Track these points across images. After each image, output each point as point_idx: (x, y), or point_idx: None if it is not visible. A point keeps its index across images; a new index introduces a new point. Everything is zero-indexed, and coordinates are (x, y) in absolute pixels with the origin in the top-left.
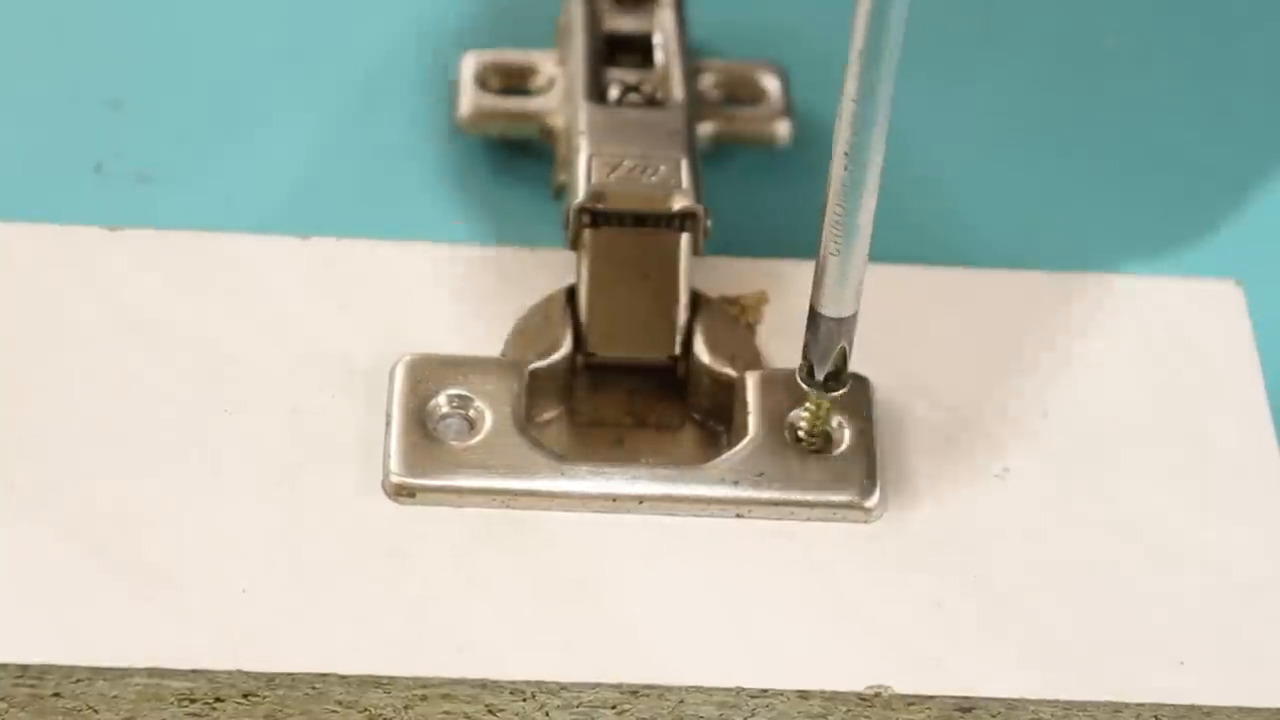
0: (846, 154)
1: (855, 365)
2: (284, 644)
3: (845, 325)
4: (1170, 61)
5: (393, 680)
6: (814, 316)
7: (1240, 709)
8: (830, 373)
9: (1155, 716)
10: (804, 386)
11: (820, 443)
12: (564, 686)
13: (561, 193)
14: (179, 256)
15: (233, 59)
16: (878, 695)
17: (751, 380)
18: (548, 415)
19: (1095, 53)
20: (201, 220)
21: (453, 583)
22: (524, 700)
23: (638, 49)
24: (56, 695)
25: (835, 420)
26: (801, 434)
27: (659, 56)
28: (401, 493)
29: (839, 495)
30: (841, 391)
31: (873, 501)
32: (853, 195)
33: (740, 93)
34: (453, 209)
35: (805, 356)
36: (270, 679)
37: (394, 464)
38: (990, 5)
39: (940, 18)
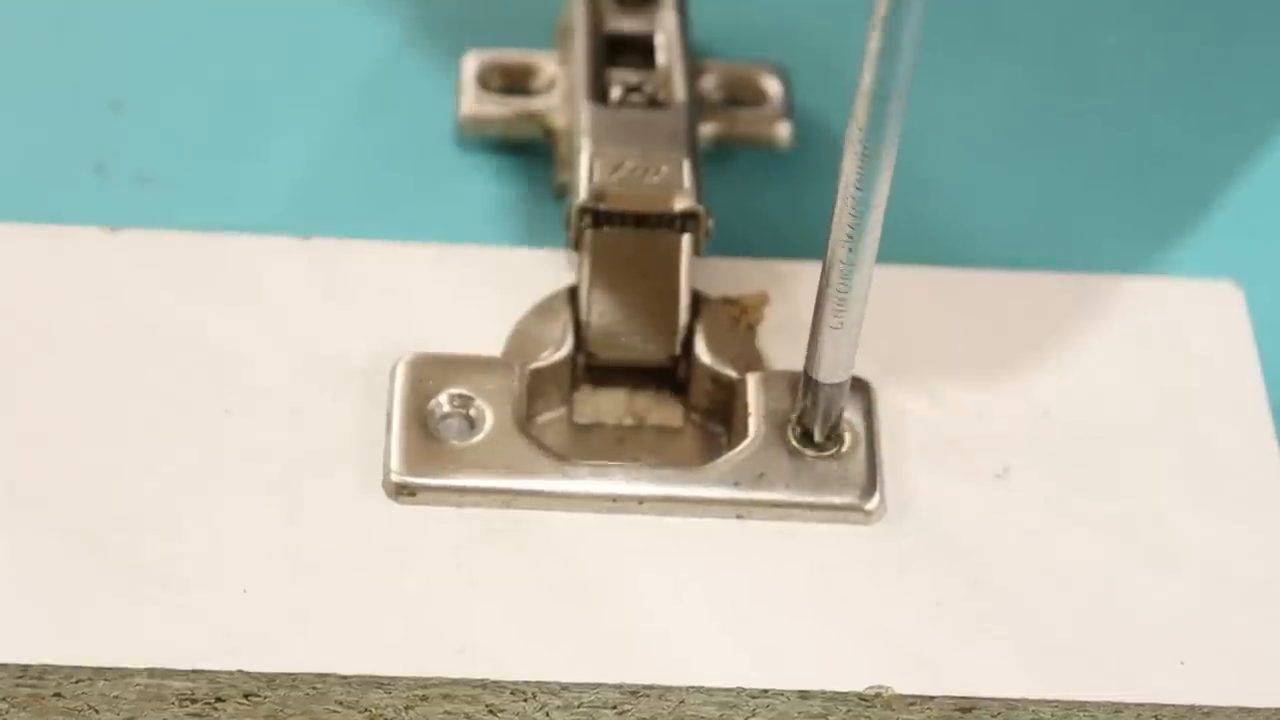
0: (849, 236)
1: (855, 366)
2: (284, 644)
3: (840, 389)
4: (1170, 61)
5: (393, 680)
6: (809, 383)
7: (1240, 709)
8: (825, 434)
9: (1155, 716)
10: (798, 447)
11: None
12: (565, 687)
13: (563, 193)
14: (179, 257)
15: (233, 59)
16: (878, 695)
17: (752, 381)
18: (548, 415)
19: (1095, 53)
20: (201, 220)
21: (453, 582)
22: (525, 700)
23: (639, 49)
24: (57, 695)
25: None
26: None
27: (661, 57)
28: (402, 492)
29: (839, 497)
30: (835, 450)
31: (873, 503)
32: (853, 272)
33: (742, 94)
34: (453, 209)
35: (800, 419)
36: (271, 679)
37: (394, 463)
38: (990, 5)
39: (940, 18)
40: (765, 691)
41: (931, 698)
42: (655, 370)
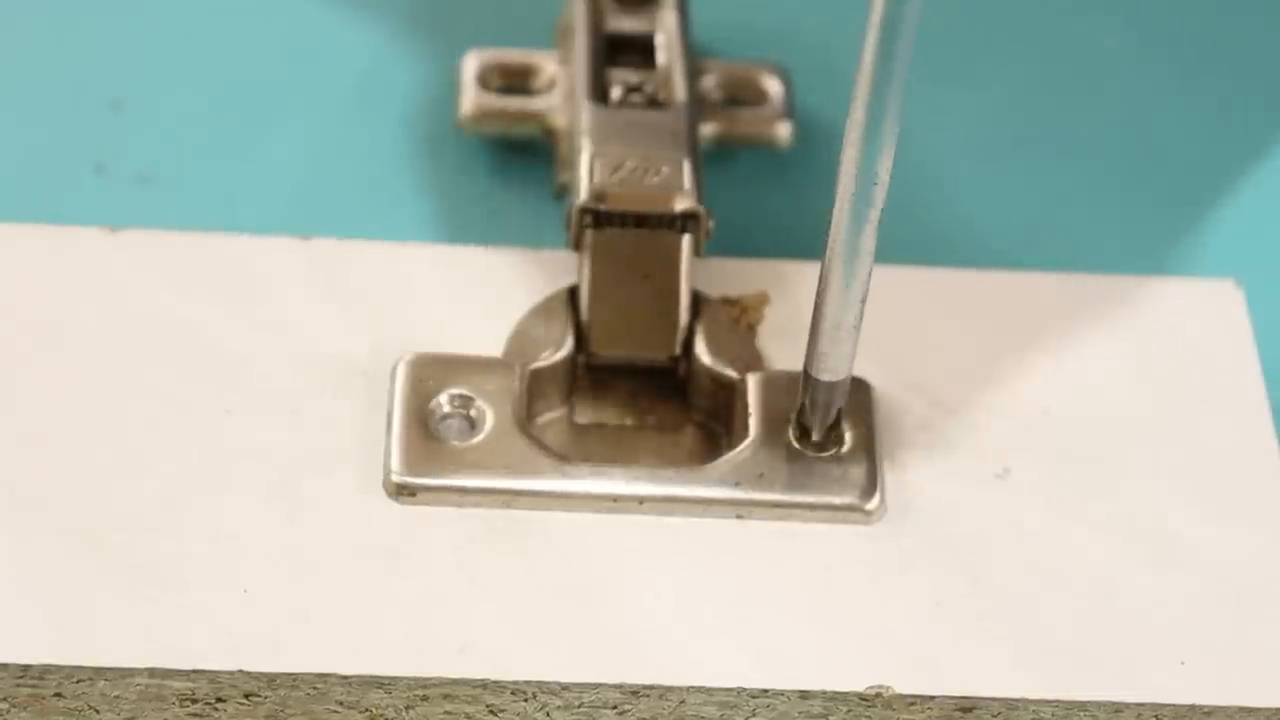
0: (848, 232)
1: (855, 366)
2: (285, 644)
3: (840, 389)
4: (1170, 61)
5: (394, 680)
6: (809, 382)
7: (1240, 709)
8: (825, 434)
9: (1155, 716)
10: (798, 447)
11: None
12: (565, 687)
13: (563, 193)
14: (179, 257)
15: (233, 59)
16: (878, 695)
17: (752, 381)
18: (549, 415)
19: (1095, 53)
20: (201, 221)
21: (453, 583)
22: (525, 700)
23: (640, 49)
24: (58, 695)
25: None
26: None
27: (661, 57)
28: (402, 492)
29: (840, 497)
30: (834, 451)
31: (873, 503)
32: (853, 270)
33: (742, 94)
34: (453, 209)
35: (799, 419)
36: (271, 679)
37: (395, 463)
38: (990, 5)
39: (940, 18)
40: (765, 691)
41: (932, 698)
42: (655, 370)
